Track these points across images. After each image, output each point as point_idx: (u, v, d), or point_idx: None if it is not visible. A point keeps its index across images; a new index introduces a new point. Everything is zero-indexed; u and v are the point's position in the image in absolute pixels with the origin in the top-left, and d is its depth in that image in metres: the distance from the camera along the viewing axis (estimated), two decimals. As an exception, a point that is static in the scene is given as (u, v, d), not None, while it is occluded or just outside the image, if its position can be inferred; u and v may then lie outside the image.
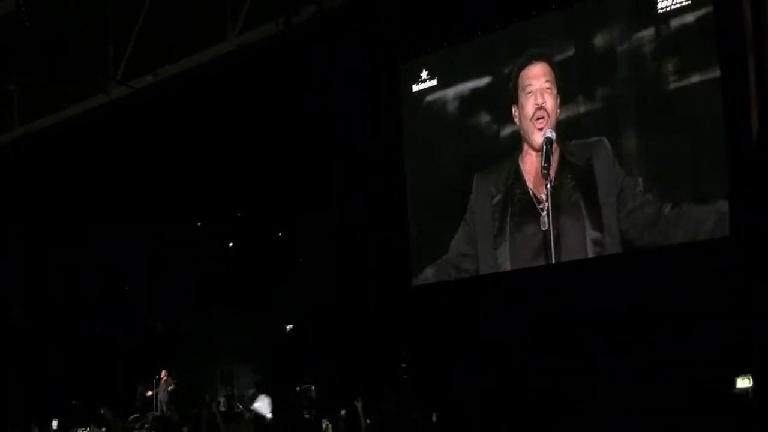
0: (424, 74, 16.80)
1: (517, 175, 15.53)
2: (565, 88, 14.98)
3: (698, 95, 13.43)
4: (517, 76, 15.48)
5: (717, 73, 13.15)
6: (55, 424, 19.18)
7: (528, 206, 15.28)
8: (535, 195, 15.15)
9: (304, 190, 19.02)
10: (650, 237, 13.90)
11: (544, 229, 14.85)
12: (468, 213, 16.17)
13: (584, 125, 14.73)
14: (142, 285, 22.23)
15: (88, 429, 18.98)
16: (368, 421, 10.36)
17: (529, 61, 15.37)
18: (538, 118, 15.09)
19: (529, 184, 15.30)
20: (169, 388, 20.36)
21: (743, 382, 12.38)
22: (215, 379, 21.58)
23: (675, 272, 13.32)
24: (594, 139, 14.56)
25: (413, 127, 17.22)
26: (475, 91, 16.24)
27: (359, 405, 10.89)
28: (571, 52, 14.98)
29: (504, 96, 15.72)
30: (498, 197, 15.77)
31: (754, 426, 11.91)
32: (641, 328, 13.47)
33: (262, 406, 17.20)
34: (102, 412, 18.09)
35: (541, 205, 14.88)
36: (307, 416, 16.76)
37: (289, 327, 21.20)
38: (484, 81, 16.13)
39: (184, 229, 21.26)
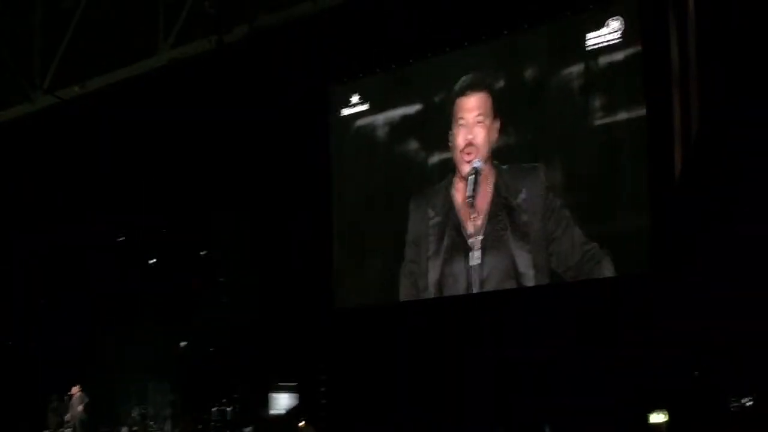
0: (354, 98, 16.81)
1: (450, 204, 15.55)
2: (500, 115, 15.10)
3: (624, 132, 13.65)
4: (453, 104, 15.53)
5: (643, 111, 13.38)
6: None
7: (458, 241, 15.33)
8: (465, 228, 15.19)
9: (228, 209, 18.83)
10: (575, 270, 14.05)
11: (472, 264, 14.91)
12: (409, 235, 16.11)
13: (517, 154, 14.85)
14: (56, 297, 21.75)
15: None
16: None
17: (463, 91, 15.44)
18: (467, 153, 15.19)
19: (460, 215, 15.33)
20: (80, 406, 19.91)
21: (657, 417, 12.60)
22: (129, 397, 21.16)
23: (595, 305, 13.52)
24: (528, 165, 14.67)
25: (342, 150, 17.18)
26: (406, 118, 16.29)
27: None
28: (502, 83, 15.12)
29: (435, 124, 15.80)
30: (436, 219, 15.74)
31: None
32: (561, 358, 13.63)
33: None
34: None
35: (471, 240, 14.96)
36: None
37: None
38: (414, 108, 16.18)
39: (105, 242, 20.91)
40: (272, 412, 17.97)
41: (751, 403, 12.28)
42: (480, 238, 14.84)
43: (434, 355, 15.16)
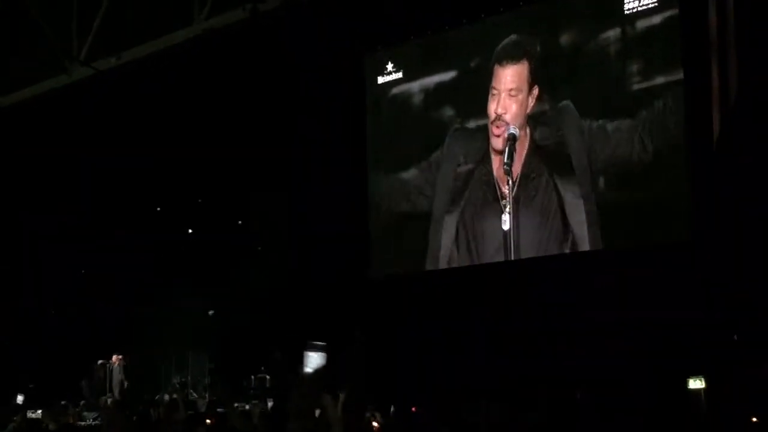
0: (389, 66, 16.79)
1: (486, 158, 15.49)
2: (538, 83, 14.99)
3: (661, 96, 13.54)
4: (489, 71, 15.42)
5: (680, 75, 13.28)
6: (20, 399, 18.93)
7: (490, 199, 15.30)
8: (499, 187, 15.15)
9: (264, 177, 18.91)
10: (611, 237, 13.99)
11: (505, 228, 14.83)
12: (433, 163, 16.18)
13: (551, 121, 14.80)
14: (95, 270, 21.96)
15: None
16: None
17: (500, 60, 15.32)
18: (496, 126, 15.12)
19: (495, 176, 15.28)
20: (121, 375, 20.13)
21: (695, 383, 12.55)
22: (169, 366, 21.38)
23: (633, 273, 13.46)
24: (566, 127, 14.60)
25: (377, 118, 17.17)
26: (441, 85, 16.24)
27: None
28: (539, 50, 15.01)
29: (471, 91, 15.74)
30: (464, 167, 15.75)
31: (705, 427, 12.07)
32: (597, 326, 13.60)
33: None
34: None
35: (504, 201, 14.88)
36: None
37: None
38: (449, 75, 16.12)
39: (142, 213, 21.09)
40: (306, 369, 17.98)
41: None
42: (511, 203, 14.71)
43: (466, 324, 15.15)
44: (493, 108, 15.21)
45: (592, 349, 13.59)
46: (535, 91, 14.94)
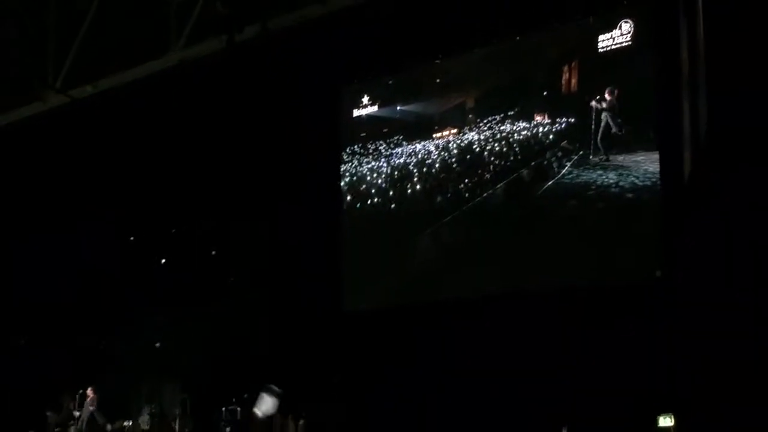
0: (365, 100, 16.85)
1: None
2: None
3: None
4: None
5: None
6: None
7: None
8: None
9: (238, 208, 18.88)
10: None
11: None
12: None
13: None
14: (68, 300, 21.80)
15: None
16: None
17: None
18: None
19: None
20: (92, 406, 19.93)
21: (665, 421, 12.55)
22: (140, 397, 21.22)
23: (605, 311, 13.48)
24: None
25: (353, 152, 17.18)
26: (415, 119, 16.34)
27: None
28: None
29: (443, 125, 15.88)
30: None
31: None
32: (570, 364, 13.61)
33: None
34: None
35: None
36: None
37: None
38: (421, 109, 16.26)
39: (116, 242, 21.00)
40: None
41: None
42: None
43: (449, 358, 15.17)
44: None
45: (566, 387, 13.59)
46: None
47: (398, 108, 16.60)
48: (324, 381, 17.11)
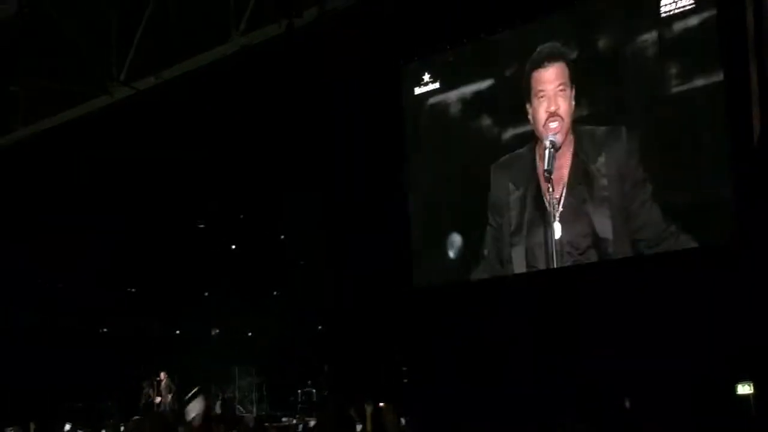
0: (426, 77, 16.76)
1: (531, 176, 15.31)
2: (577, 86, 14.88)
3: (701, 98, 13.38)
4: (530, 77, 15.27)
5: (720, 76, 13.11)
6: (67, 426, 19.03)
7: (537, 214, 15.17)
8: (545, 201, 15.02)
9: (304, 193, 18.98)
10: (656, 241, 13.79)
11: (552, 237, 14.72)
12: (490, 210, 15.96)
13: (594, 124, 14.64)
14: (142, 285, 22.16)
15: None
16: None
17: (540, 63, 15.15)
18: (551, 122, 14.93)
19: (541, 187, 15.12)
20: (169, 395, 20.25)
21: (744, 389, 12.39)
22: (216, 381, 21.47)
23: (678, 277, 13.30)
24: (608, 128, 14.39)
25: (415, 129, 17.14)
26: (478, 94, 16.17)
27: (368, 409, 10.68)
28: (576, 53, 14.90)
29: (508, 98, 15.67)
30: (516, 194, 15.60)
31: None
32: (644, 332, 13.46)
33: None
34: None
35: (549, 212, 14.77)
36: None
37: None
38: (485, 84, 16.06)
39: (185, 229, 21.26)
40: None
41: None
42: (560, 210, 14.64)
43: (513, 333, 15.05)
44: (543, 108, 15.01)
45: (638, 356, 13.45)
46: (573, 92, 14.83)
47: (459, 83, 16.43)
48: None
